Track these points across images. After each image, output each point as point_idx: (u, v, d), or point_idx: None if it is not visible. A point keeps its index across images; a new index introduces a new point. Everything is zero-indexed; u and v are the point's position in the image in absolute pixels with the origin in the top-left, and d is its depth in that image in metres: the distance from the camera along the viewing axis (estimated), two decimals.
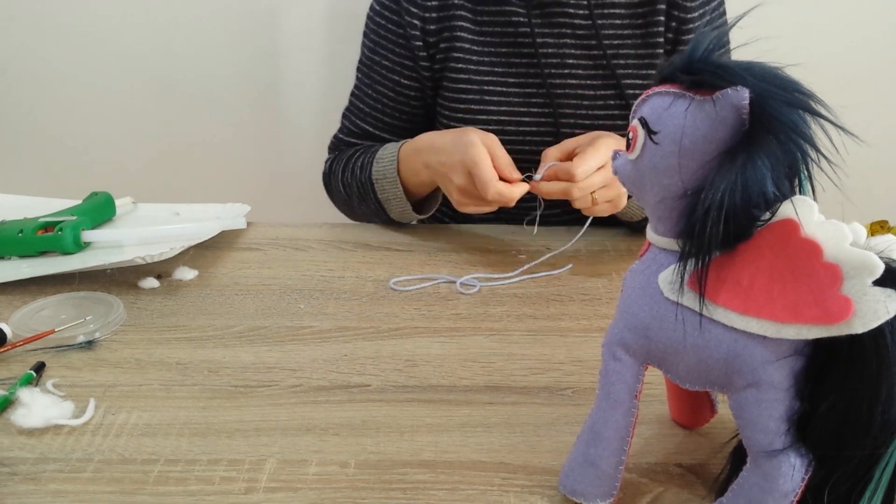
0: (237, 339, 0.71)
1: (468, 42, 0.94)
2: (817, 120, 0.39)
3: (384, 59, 0.99)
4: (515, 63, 0.94)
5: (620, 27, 0.93)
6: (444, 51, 0.95)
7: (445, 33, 0.95)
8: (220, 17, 1.42)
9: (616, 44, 0.93)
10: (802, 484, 0.43)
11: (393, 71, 0.99)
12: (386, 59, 0.99)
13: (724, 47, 0.42)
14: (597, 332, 0.72)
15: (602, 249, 0.91)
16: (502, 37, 0.94)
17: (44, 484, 0.52)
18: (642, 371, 0.47)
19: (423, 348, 0.70)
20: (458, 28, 0.94)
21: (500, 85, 0.94)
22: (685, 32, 0.92)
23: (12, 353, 0.68)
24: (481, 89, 0.95)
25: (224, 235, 0.93)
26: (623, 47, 0.93)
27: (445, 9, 0.94)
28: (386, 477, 0.53)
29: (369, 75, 1.01)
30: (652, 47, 0.92)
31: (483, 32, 0.94)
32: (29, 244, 0.84)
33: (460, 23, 0.94)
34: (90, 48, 1.44)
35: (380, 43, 0.99)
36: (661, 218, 0.45)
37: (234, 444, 0.57)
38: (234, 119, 1.49)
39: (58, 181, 1.52)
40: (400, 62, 0.98)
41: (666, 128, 0.42)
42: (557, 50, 0.93)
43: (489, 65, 0.94)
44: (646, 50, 0.93)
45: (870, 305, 0.37)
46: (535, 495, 0.51)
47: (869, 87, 1.39)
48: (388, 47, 0.99)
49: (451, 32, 0.94)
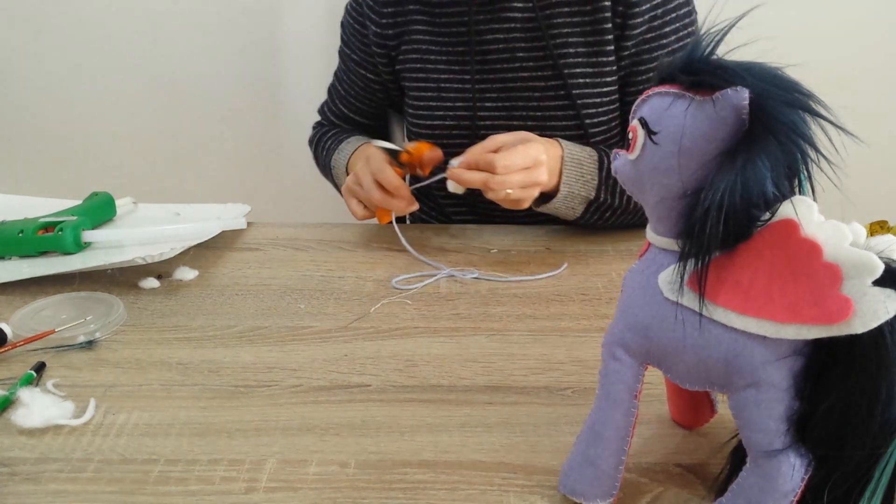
0: (237, 339, 0.71)
1: (424, 43, 0.98)
2: (817, 120, 0.39)
3: (353, 54, 1.06)
4: (468, 60, 0.96)
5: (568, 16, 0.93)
6: (403, 52, 1.00)
7: (404, 37, 1.00)
8: (221, 17, 1.42)
9: (564, 32, 0.94)
10: (802, 484, 0.43)
11: (360, 65, 1.06)
12: (354, 54, 1.06)
13: None
14: (597, 332, 0.72)
15: (602, 249, 0.91)
16: (456, 36, 0.97)
17: (44, 484, 0.52)
18: (642, 371, 0.47)
19: (423, 348, 0.70)
20: (414, 31, 0.99)
21: (457, 82, 0.98)
22: (631, 17, 0.92)
23: (13, 353, 0.68)
24: (438, 87, 0.98)
25: (224, 235, 0.93)
26: (571, 35, 0.93)
27: (402, 14, 0.99)
28: (386, 477, 0.53)
29: (345, 63, 1.09)
30: (600, 34, 0.93)
31: (438, 33, 0.98)
32: (29, 244, 0.85)
33: (416, 26, 0.99)
34: (91, 48, 1.44)
35: (349, 40, 1.06)
36: (661, 218, 0.45)
37: (234, 444, 0.57)
38: (234, 120, 1.49)
39: (58, 181, 1.52)
40: (364, 60, 1.05)
41: (666, 128, 0.42)
42: (507, 45, 0.95)
43: (445, 63, 0.98)
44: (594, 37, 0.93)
45: (869, 305, 0.37)
46: (535, 495, 0.51)
47: (869, 87, 1.40)
48: (355, 45, 1.05)
49: (408, 35, 0.99)
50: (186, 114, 1.49)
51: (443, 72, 0.98)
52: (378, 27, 1.00)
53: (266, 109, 1.49)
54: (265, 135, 1.51)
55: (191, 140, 1.51)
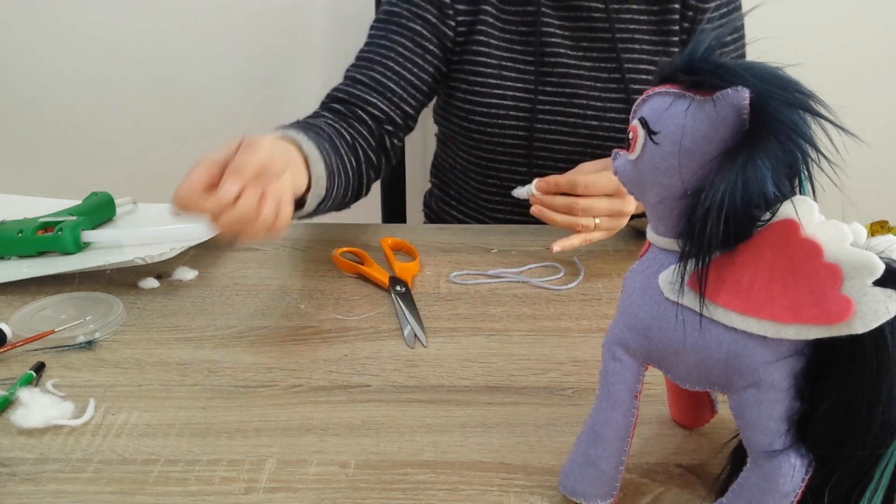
0: (237, 339, 0.71)
1: (490, 26, 0.97)
2: (817, 120, 0.39)
3: (406, 11, 0.97)
4: (533, 42, 0.96)
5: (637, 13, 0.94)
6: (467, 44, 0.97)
7: (471, 17, 0.96)
8: (222, 18, 1.42)
9: (632, 28, 0.94)
10: (802, 484, 0.43)
11: (416, 18, 0.96)
12: (409, 10, 0.97)
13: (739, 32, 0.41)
14: (597, 332, 0.72)
15: (602, 249, 0.91)
16: (524, 25, 0.96)
17: (44, 484, 0.52)
18: (642, 371, 0.47)
19: (423, 348, 0.70)
20: (484, 14, 0.97)
21: (515, 71, 0.96)
22: (700, 23, 0.93)
23: (12, 353, 0.68)
24: (500, 72, 0.96)
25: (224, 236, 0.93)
26: (638, 32, 0.95)
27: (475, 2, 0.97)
28: (386, 477, 0.53)
29: (385, 27, 0.98)
30: (667, 34, 0.94)
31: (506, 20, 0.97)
32: (29, 244, 0.84)
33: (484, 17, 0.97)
34: (91, 49, 1.44)
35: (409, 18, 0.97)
36: (662, 218, 0.45)
37: (234, 444, 0.57)
38: (234, 120, 1.49)
39: (58, 181, 1.53)
40: (424, 14, 0.96)
41: (666, 128, 0.42)
42: (573, 34, 0.95)
43: (507, 49, 0.97)
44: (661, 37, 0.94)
45: (870, 306, 0.37)
46: (535, 495, 0.51)
47: (869, 87, 1.40)
48: (421, 11, 0.97)
49: (478, 25, 0.96)
50: (187, 114, 1.49)
51: (505, 59, 0.97)
52: (451, 9, 0.96)
53: (266, 109, 1.49)
54: None
55: (191, 140, 1.51)
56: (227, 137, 0.63)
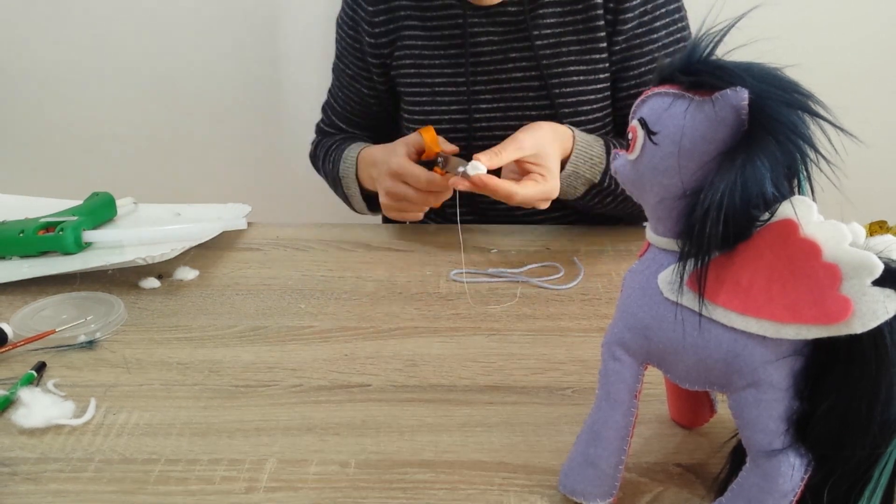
0: (237, 339, 0.72)
1: (418, 48, 0.98)
2: (816, 120, 0.40)
3: (347, 69, 1.05)
4: (462, 63, 0.96)
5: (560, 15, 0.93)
6: (397, 58, 0.99)
7: (397, 42, 0.99)
8: (222, 18, 1.42)
9: (557, 31, 0.94)
10: (802, 484, 0.43)
11: (355, 79, 1.05)
12: (348, 68, 1.05)
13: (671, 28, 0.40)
14: (597, 332, 0.72)
15: (602, 249, 0.91)
16: (450, 38, 0.97)
17: (44, 484, 0.52)
18: (642, 371, 0.47)
19: (423, 348, 0.70)
20: (408, 37, 0.98)
21: (451, 85, 0.98)
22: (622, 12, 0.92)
23: (13, 352, 0.68)
24: (433, 91, 0.98)
25: (225, 236, 0.93)
26: (564, 35, 0.94)
27: (394, 20, 0.98)
28: (386, 477, 0.53)
29: (339, 78, 1.08)
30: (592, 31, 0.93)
31: (431, 37, 0.97)
32: (30, 244, 0.85)
33: (409, 31, 0.98)
34: (91, 49, 1.44)
35: (343, 53, 1.05)
36: (661, 218, 0.45)
37: (234, 443, 0.57)
38: (235, 120, 1.49)
39: (59, 181, 1.53)
40: (358, 73, 1.04)
41: (665, 128, 0.42)
42: (500, 46, 0.95)
43: (439, 67, 0.98)
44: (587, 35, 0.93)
45: (869, 305, 0.38)
46: (535, 495, 0.52)
47: (868, 87, 1.40)
48: (349, 59, 1.04)
49: (401, 41, 0.98)
50: (187, 114, 1.49)
51: (437, 75, 0.98)
52: (372, 36, 0.99)
53: (266, 109, 1.49)
54: (265, 135, 1.51)
55: (191, 140, 1.51)
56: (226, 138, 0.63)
